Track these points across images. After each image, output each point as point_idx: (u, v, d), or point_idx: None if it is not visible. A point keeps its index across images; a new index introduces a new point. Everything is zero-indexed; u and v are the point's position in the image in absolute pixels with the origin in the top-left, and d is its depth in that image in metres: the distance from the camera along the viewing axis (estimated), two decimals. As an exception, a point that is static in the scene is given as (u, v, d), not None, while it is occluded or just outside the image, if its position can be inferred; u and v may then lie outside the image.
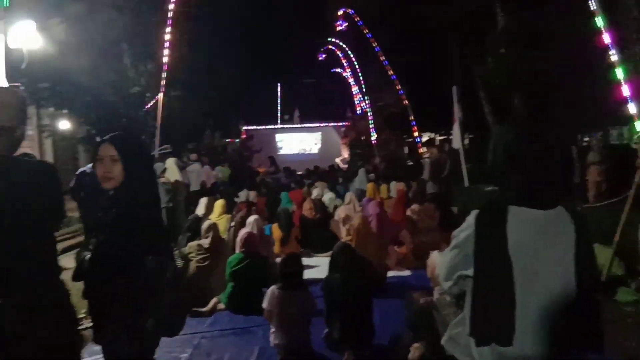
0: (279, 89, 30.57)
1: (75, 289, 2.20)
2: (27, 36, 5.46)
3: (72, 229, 8.08)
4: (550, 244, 1.59)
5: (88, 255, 2.11)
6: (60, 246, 2.49)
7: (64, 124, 12.92)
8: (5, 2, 4.82)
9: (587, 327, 1.59)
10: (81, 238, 8.38)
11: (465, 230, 1.70)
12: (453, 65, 15.84)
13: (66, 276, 2.19)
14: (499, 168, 1.71)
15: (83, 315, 2.74)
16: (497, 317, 1.58)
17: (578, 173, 9.80)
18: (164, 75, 10.84)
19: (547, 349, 1.56)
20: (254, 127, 26.00)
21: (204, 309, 4.71)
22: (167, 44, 10.89)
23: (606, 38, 5.59)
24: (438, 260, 2.58)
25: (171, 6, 10.70)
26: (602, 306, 1.75)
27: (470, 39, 13.00)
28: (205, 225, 5.47)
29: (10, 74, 5.21)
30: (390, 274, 5.92)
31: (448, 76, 14.70)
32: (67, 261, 4.18)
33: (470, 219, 1.69)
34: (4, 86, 2.14)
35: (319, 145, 26.80)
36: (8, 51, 5.16)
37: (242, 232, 5.22)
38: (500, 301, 1.58)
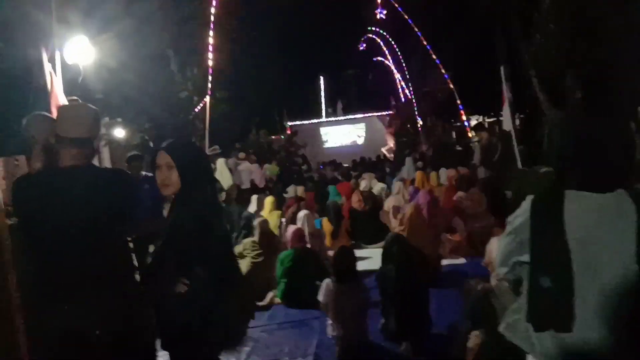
0: (321, 82, 30.60)
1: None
2: (81, 51, 5.75)
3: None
4: (610, 228, 1.53)
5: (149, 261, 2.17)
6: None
7: (119, 132, 13.53)
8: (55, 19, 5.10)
9: None
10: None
11: (521, 216, 1.67)
12: (499, 45, 15.28)
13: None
14: (557, 153, 1.68)
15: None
16: (556, 303, 1.56)
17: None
18: (210, 78, 11.10)
19: (610, 335, 1.51)
20: (299, 122, 26.19)
21: (261, 303, 4.83)
22: (210, 48, 11.14)
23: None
24: (495, 247, 2.54)
25: (212, 10, 10.92)
26: None
27: (517, 16, 12.50)
28: (255, 222, 5.60)
29: (67, 89, 5.51)
30: (445, 262, 5.84)
31: (494, 57, 14.21)
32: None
33: (526, 204, 1.66)
34: (80, 102, 2.34)
35: (364, 136, 26.66)
36: (65, 66, 5.46)
37: (290, 229, 5.31)
38: (559, 287, 1.54)
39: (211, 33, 11.39)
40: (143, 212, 3.86)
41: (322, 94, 30.56)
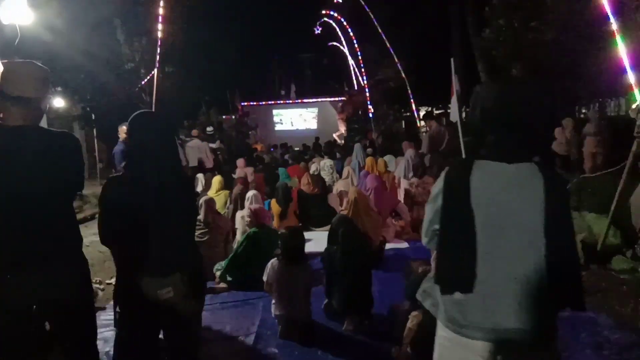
0: (275, 64, 30.21)
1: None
2: (18, 12, 5.37)
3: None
4: (516, 195, 1.59)
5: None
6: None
7: (59, 102, 12.83)
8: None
9: (561, 282, 1.57)
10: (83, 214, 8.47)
11: (437, 185, 1.73)
12: (452, 38, 15.66)
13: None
14: (473, 124, 1.74)
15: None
16: (459, 264, 1.61)
17: (574, 144, 9.82)
18: (159, 51, 10.70)
19: (514, 295, 1.55)
20: (251, 103, 25.80)
21: (217, 285, 4.74)
22: (160, 19, 10.70)
23: (606, 6, 5.51)
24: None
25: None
26: (580, 266, 1.74)
27: (470, 10, 12.83)
28: (201, 200, 5.50)
29: (2, 50, 5.15)
30: (389, 246, 5.98)
31: (446, 49, 14.55)
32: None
33: (442, 174, 1.72)
34: (27, 60, 2.20)
35: (316, 120, 26.67)
36: (0, 27, 5.09)
37: (253, 208, 5.25)
38: (462, 248, 1.60)
39: (162, 4, 10.92)
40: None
41: (276, 76, 30.23)
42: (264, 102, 27.12)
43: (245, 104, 25.26)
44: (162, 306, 2.06)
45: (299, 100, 27.32)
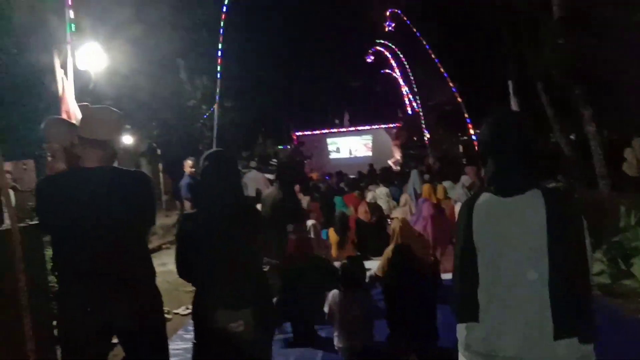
0: (328, 93, 30.69)
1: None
2: (93, 57, 5.81)
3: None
4: (511, 225, 1.62)
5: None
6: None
7: (127, 139, 13.62)
8: (71, 27, 5.17)
9: (566, 310, 1.53)
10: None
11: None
12: (508, 59, 15.31)
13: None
14: (482, 157, 1.79)
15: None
16: (464, 294, 1.70)
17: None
18: (218, 88, 11.18)
19: (516, 329, 1.58)
20: (305, 132, 26.24)
21: None
22: (219, 58, 11.22)
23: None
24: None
25: (222, 21, 11.02)
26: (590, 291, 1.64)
27: (525, 30, 12.53)
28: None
29: (78, 94, 5.56)
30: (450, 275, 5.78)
31: (502, 70, 14.23)
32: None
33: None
34: (103, 106, 2.41)
35: (371, 148, 26.68)
36: (76, 72, 5.51)
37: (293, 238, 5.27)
38: (466, 279, 1.70)
39: (220, 42, 11.46)
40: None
41: (329, 104, 30.66)
42: (318, 131, 27.51)
43: (300, 133, 25.74)
44: (234, 339, 2.10)
45: (353, 128, 27.49)
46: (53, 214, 2.19)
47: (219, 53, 11.05)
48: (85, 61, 5.76)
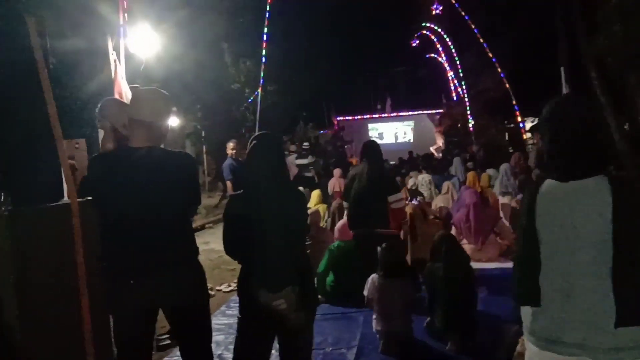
0: (370, 78, 30.37)
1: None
2: (144, 41, 5.98)
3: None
4: (575, 212, 1.61)
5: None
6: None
7: (173, 121, 14.03)
8: (124, 11, 5.32)
9: (630, 296, 1.53)
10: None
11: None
12: (559, 44, 14.67)
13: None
14: (545, 141, 1.77)
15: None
16: (526, 280, 1.71)
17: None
18: (262, 71, 11.29)
19: (577, 317, 1.58)
20: (346, 117, 26.14)
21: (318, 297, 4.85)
22: (264, 42, 11.30)
23: None
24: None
25: (267, 4, 11.07)
26: None
27: (579, 15, 11.97)
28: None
29: (129, 76, 5.75)
30: (493, 265, 5.71)
31: (553, 56, 13.66)
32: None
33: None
34: (151, 87, 2.49)
35: (412, 134, 26.31)
36: (128, 55, 5.70)
37: (340, 222, 5.33)
38: (528, 265, 1.71)
39: (265, 29, 11.54)
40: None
41: (371, 90, 30.35)
42: (359, 117, 27.34)
43: (341, 118, 25.65)
44: (277, 316, 2.17)
45: (395, 114, 27.16)
46: (103, 191, 2.28)
47: (264, 37, 11.13)
48: (137, 44, 5.94)
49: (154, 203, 2.24)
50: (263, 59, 11.07)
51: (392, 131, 26.99)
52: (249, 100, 13.54)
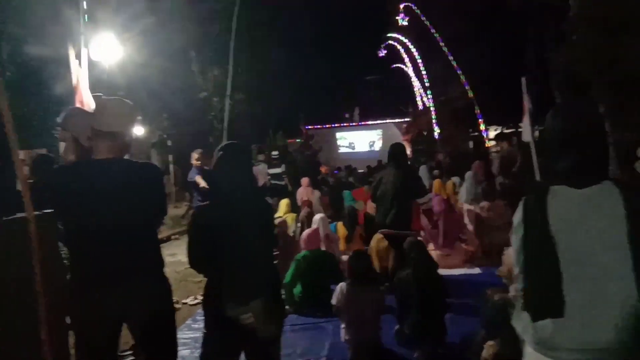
0: (339, 87, 30.62)
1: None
2: (107, 48, 5.87)
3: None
4: (596, 218, 1.61)
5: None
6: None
7: (138, 130, 13.74)
8: (86, 17, 5.21)
9: None
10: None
11: (517, 215, 1.77)
12: (525, 54, 15.15)
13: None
14: (547, 150, 1.78)
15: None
16: (546, 291, 1.64)
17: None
18: (230, 80, 11.21)
19: (608, 321, 1.57)
20: (315, 126, 26.21)
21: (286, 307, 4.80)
22: (231, 50, 11.23)
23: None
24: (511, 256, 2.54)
25: (235, 13, 11.02)
26: None
27: (544, 26, 12.40)
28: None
29: (91, 85, 5.61)
30: (460, 271, 5.80)
31: (518, 66, 14.08)
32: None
33: (520, 203, 1.77)
34: (115, 97, 2.43)
35: (381, 142, 26.59)
36: (91, 63, 5.57)
37: (307, 231, 5.32)
38: (547, 276, 1.64)
39: (233, 36, 11.47)
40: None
41: (340, 98, 30.57)
42: (327, 125, 27.48)
43: (310, 127, 25.72)
44: (244, 330, 2.13)
45: (363, 123, 27.42)
46: (66, 204, 2.22)
47: (232, 46, 11.07)
48: (100, 52, 5.82)
49: (118, 215, 2.19)
50: (230, 68, 10.99)
51: (360, 139, 27.21)
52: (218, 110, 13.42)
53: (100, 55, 5.58)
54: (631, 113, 11.03)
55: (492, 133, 17.29)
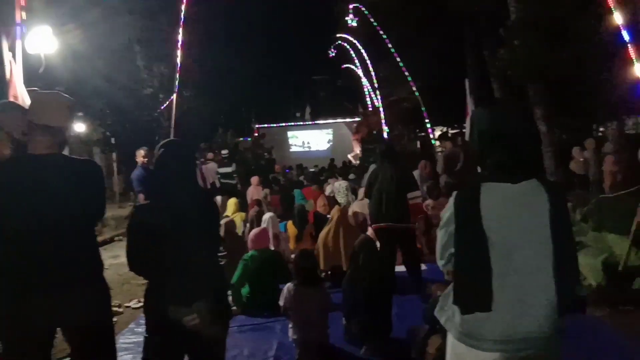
0: (289, 86, 30.60)
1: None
2: (43, 41, 5.56)
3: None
4: (524, 213, 1.70)
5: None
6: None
7: (80, 127, 13.13)
8: (21, 8, 4.93)
9: (568, 287, 1.70)
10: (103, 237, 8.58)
11: (447, 210, 1.82)
12: (466, 58, 15.70)
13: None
14: (477, 147, 1.83)
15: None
16: (476, 285, 1.69)
17: (594, 163, 9.72)
18: (177, 76, 10.93)
19: (533, 311, 1.66)
20: (266, 125, 26.07)
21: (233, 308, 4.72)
22: (179, 45, 10.95)
23: (625, 34, 5.53)
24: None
25: (183, 7, 10.74)
26: (580, 273, 1.94)
27: (485, 30, 12.88)
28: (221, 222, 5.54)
29: (27, 78, 5.32)
30: (404, 268, 5.92)
31: (461, 69, 14.57)
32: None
33: (451, 199, 1.81)
34: (53, 91, 2.31)
35: (331, 142, 26.80)
36: (26, 56, 5.27)
37: (255, 230, 5.28)
38: (478, 270, 1.69)
39: (180, 31, 11.19)
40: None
41: (291, 97, 30.58)
42: (278, 124, 27.39)
43: (261, 125, 25.55)
44: (187, 332, 2.09)
45: (314, 122, 27.53)
46: None
47: (179, 40, 10.79)
48: (36, 44, 5.50)
49: (53, 214, 2.09)
50: (178, 63, 10.71)
51: (311, 138, 27.31)
52: (162, 107, 13.02)
53: (36, 47, 5.28)
54: (567, 115, 11.68)
55: (437, 133, 17.80)
